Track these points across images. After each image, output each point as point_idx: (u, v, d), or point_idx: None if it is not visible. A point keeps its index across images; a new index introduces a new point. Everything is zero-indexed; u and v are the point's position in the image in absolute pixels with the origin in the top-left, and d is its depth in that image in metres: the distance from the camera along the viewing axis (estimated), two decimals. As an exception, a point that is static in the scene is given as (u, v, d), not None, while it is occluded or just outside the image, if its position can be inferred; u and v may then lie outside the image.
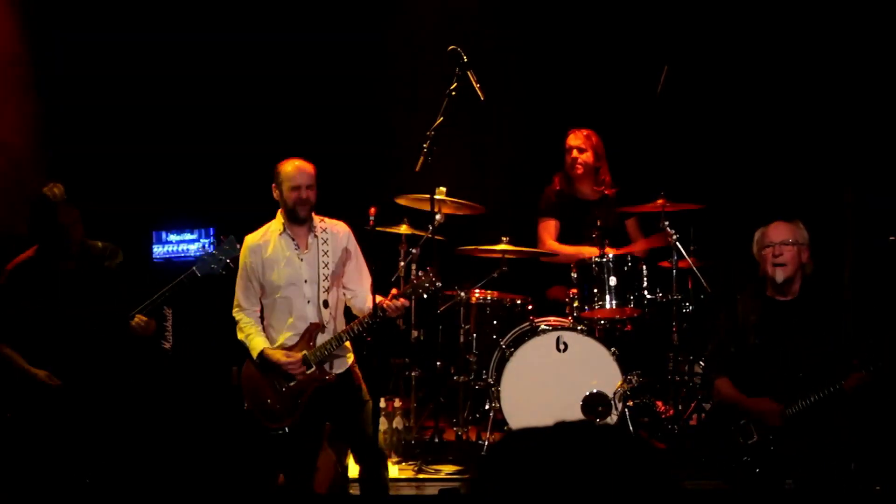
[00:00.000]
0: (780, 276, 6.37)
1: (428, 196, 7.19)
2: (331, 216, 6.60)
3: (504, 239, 7.82)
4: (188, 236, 8.01)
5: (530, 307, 7.93)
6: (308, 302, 6.37)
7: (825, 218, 7.72)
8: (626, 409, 7.42)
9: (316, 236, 6.44)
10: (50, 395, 6.25)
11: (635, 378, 7.46)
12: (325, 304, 6.37)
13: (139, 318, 6.25)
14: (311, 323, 6.35)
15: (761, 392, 6.31)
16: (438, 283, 6.25)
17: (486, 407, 7.61)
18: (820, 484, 6.16)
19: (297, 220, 6.42)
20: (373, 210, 6.19)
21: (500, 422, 7.46)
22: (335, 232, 6.49)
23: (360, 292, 6.48)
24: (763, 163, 8.77)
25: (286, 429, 6.30)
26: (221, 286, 7.63)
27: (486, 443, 7.53)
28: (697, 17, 8.86)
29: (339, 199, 8.28)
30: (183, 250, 8.03)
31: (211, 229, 8.10)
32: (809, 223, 6.48)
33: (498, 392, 7.44)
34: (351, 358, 6.45)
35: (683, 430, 7.62)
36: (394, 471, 7.22)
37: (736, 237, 7.29)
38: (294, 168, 6.41)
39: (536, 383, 7.44)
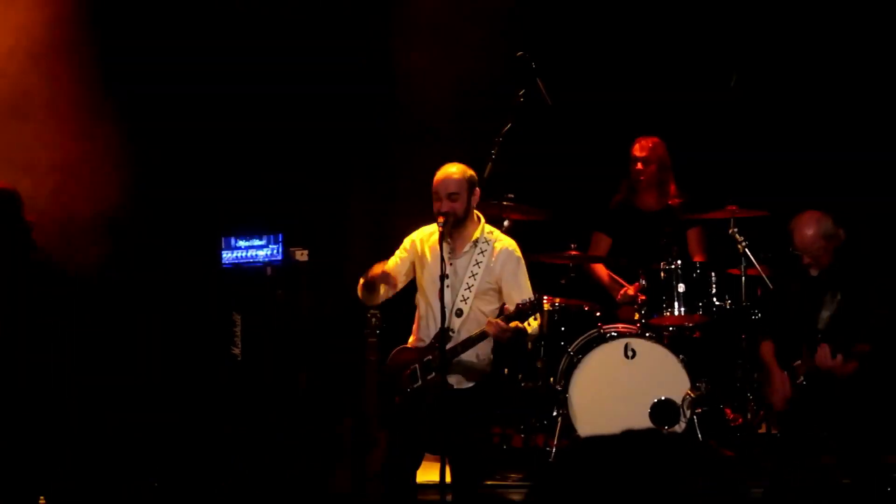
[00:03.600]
0: (814, 271, 6.64)
1: (496, 202, 7.23)
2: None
3: (572, 245, 7.82)
4: (257, 242, 8.07)
5: (598, 314, 7.89)
6: (443, 306, 6.22)
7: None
8: (695, 417, 7.39)
9: (475, 245, 6.37)
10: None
11: (704, 385, 7.42)
12: (459, 312, 6.31)
13: None
14: (439, 329, 6.21)
15: (793, 356, 6.60)
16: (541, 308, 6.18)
17: (554, 414, 7.59)
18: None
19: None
20: (441, 218, 6.19)
21: (568, 428, 7.44)
22: (496, 248, 6.38)
23: None
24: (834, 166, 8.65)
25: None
26: (288, 292, 7.75)
27: (554, 450, 7.52)
28: (767, 23, 8.76)
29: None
30: (252, 256, 8.09)
31: (280, 235, 8.16)
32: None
33: (566, 399, 7.43)
34: (481, 376, 6.34)
35: (752, 439, 7.57)
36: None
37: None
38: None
39: (604, 390, 7.43)
